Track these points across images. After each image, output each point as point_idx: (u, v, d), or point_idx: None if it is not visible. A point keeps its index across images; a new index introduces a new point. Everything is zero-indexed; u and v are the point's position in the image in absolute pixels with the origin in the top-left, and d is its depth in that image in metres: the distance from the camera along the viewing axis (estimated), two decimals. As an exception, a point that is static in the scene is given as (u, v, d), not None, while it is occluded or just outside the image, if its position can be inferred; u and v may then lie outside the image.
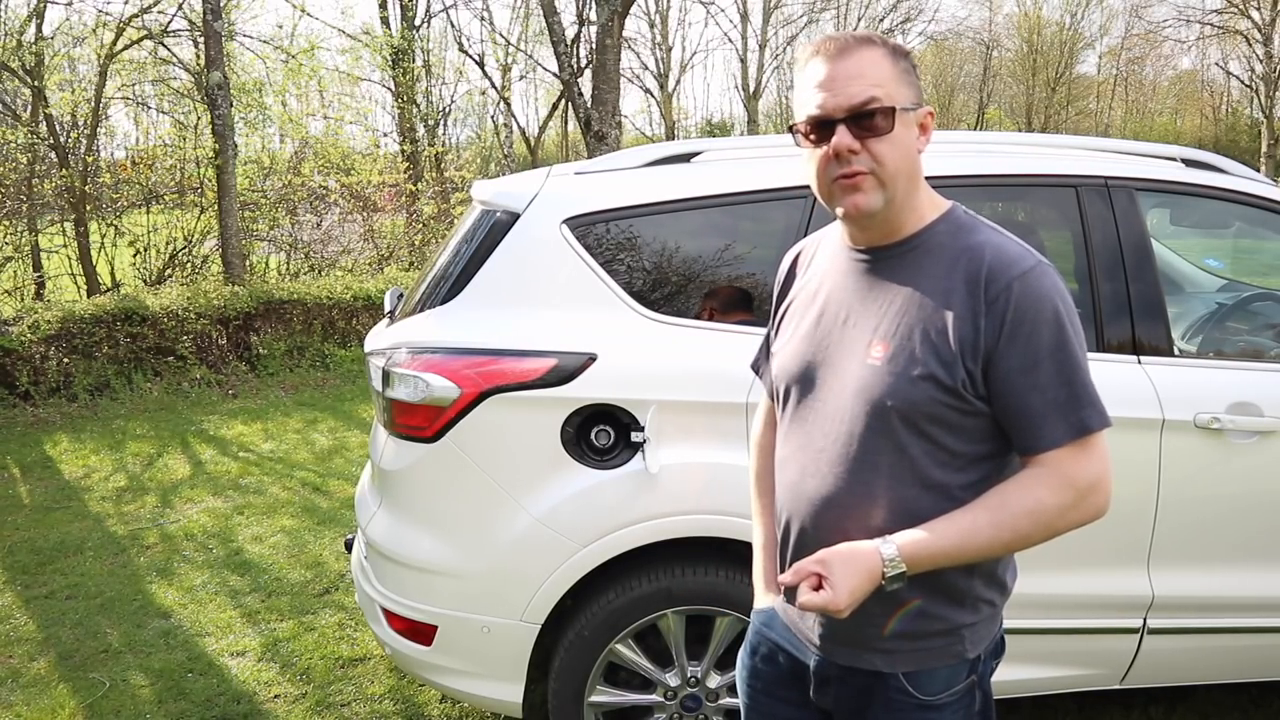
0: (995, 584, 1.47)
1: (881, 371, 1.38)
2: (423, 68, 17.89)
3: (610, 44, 9.04)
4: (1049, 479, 1.33)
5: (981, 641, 1.46)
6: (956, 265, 1.37)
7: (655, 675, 2.52)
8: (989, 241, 1.38)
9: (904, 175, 1.38)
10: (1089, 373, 1.35)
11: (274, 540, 4.59)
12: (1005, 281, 1.33)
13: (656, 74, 33.81)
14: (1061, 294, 1.35)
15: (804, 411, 1.49)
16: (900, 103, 1.37)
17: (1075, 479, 1.32)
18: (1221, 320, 3.07)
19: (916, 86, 1.41)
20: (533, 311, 2.45)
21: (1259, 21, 27.37)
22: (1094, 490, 1.33)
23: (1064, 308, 1.35)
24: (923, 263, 1.40)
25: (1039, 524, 1.33)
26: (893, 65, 1.38)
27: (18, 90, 10.41)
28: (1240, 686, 3.09)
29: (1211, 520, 2.50)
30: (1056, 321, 1.33)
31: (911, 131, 1.40)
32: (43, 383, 7.12)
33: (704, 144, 2.70)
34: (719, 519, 2.36)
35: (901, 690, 1.44)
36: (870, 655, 1.46)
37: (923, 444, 1.37)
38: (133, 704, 3.20)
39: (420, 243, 12.14)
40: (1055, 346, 1.33)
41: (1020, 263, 1.35)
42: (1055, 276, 1.36)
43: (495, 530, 2.41)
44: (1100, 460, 1.34)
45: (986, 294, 1.34)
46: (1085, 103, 40.46)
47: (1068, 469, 1.33)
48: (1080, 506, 1.33)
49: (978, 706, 1.47)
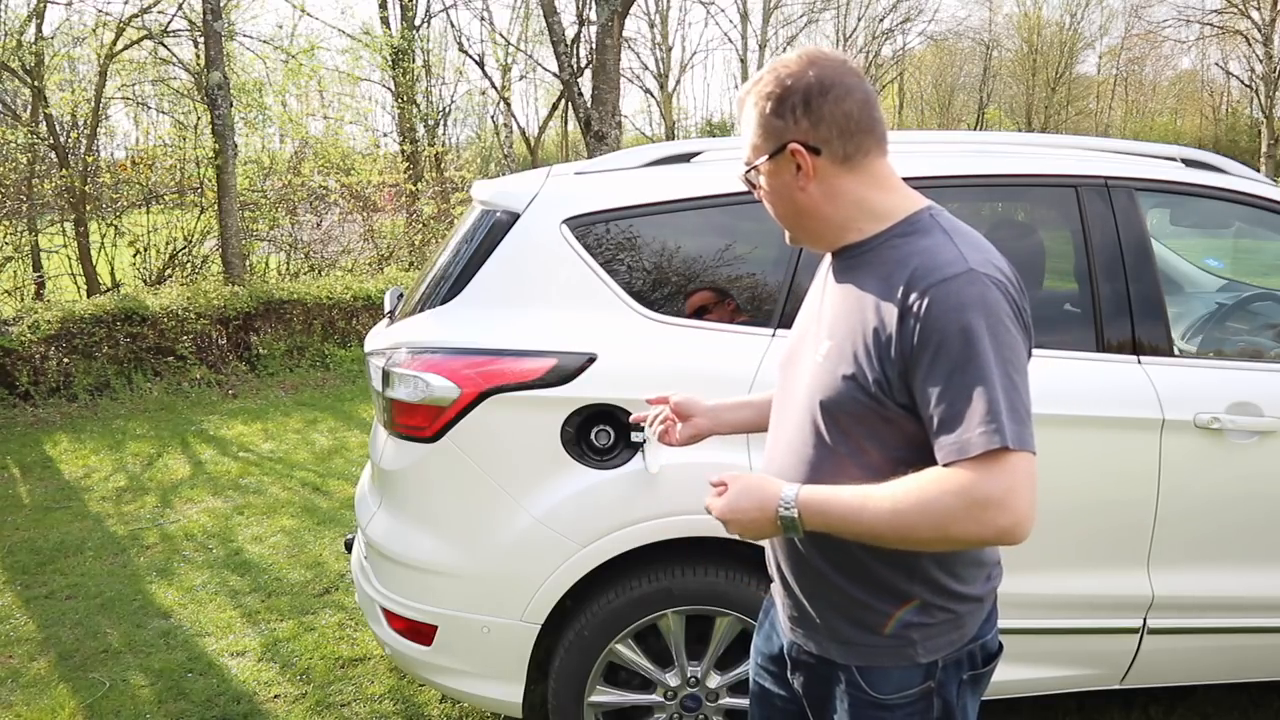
0: (943, 593, 1.43)
1: (821, 369, 1.42)
2: (423, 68, 17.88)
3: (610, 44, 9.05)
4: (949, 481, 1.27)
5: (939, 649, 1.44)
6: (890, 270, 1.36)
7: (655, 675, 2.52)
8: (927, 247, 1.35)
9: (788, 216, 1.46)
10: (1009, 388, 1.27)
11: (274, 540, 4.59)
12: (922, 289, 1.30)
13: (656, 74, 33.82)
14: (984, 304, 1.28)
15: (780, 401, 1.58)
16: (760, 157, 1.42)
17: (969, 489, 1.25)
18: (1221, 320, 3.07)
19: (778, 124, 1.39)
20: (533, 311, 2.45)
21: (1259, 21, 27.37)
22: (995, 507, 1.24)
23: (986, 319, 1.28)
24: (868, 267, 1.41)
25: (928, 521, 1.27)
26: (758, 115, 1.41)
27: (18, 90, 10.41)
28: (1240, 686, 3.09)
29: (1211, 520, 2.50)
30: (969, 333, 1.27)
31: (783, 176, 1.41)
32: (43, 383, 7.12)
33: (704, 144, 2.69)
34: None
35: (855, 685, 1.46)
36: (827, 643, 1.49)
37: (847, 444, 1.40)
38: (133, 704, 3.20)
39: (420, 243, 12.14)
40: (965, 359, 1.26)
41: (941, 270, 1.30)
42: (985, 285, 1.29)
43: (495, 530, 2.41)
44: (1004, 479, 1.24)
45: (904, 301, 1.32)
46: (1085, 103, 40.47)
47: (965, 479, 1.25)
48: (980, 520, 1.25)
49: (936, 714, 1.45)
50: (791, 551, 1.52)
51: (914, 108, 42.22)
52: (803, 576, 1.51)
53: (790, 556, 1.53)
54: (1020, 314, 1.34)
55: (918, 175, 2.52)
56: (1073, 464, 2.41)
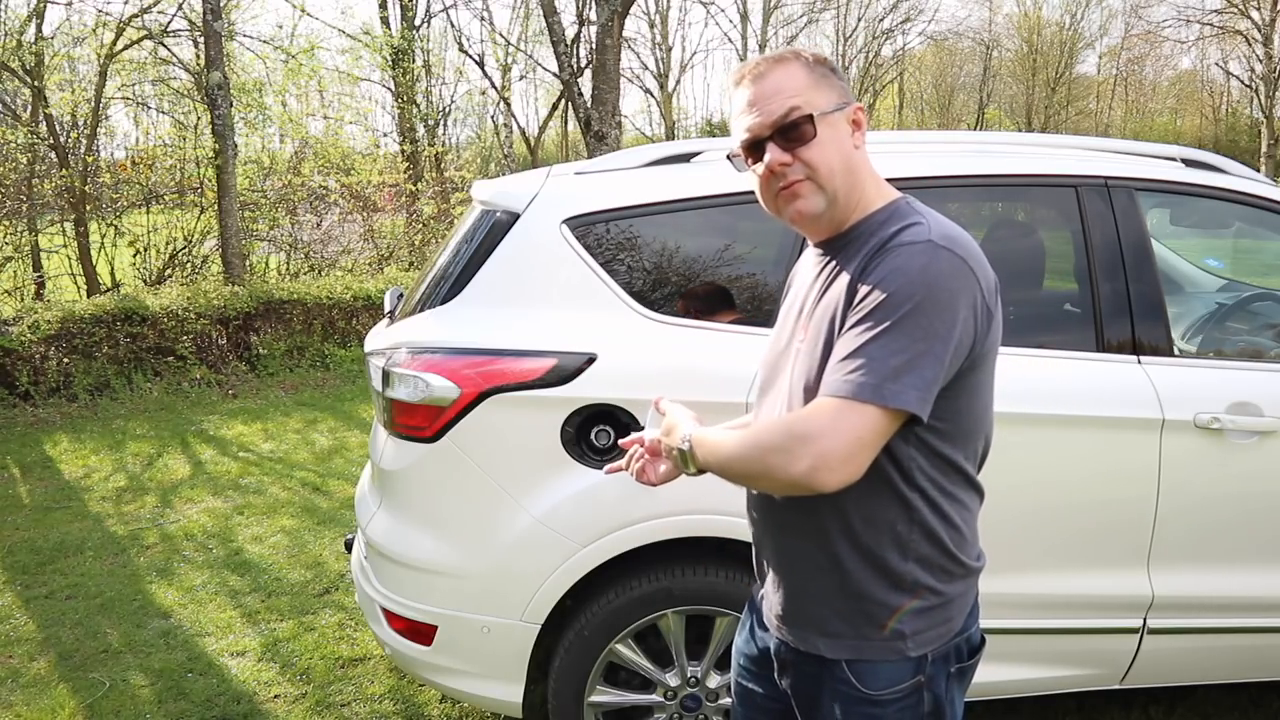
0: (937, 570, 1.44)
1: (804, 354, 1.44)
2: (423, 68, 17.88)
3: (610, 44, 9.05)
4: (781, 418, 1.37)
5: (928, 642, 1.45)
6: (869, 249, 1.40)
7: (655, 675, 2.52)
8: (901, 227, 1.39)
9: (840, 173, 1.43)
10: (910, 356, 1.28)
11: (274, 540, 4.59)
12: (880, 253, 1.36)
13: (656, 74, 33.82)
14: (931, 272, 1.30)
15: (764, 397, 1.59)
16: (820, 108, 1.42)
17: (793, 420, 1.32)
18: (1221, 320, 3.07)
19: (839, 87, 1.46)
20: (533, 311, 2.45)
21: (1259, 21, 27.37)
22: (806, 442, 1.27)
23: (926, 287, 1.30)
24: (850, 249, 1.44)
25: (754, 449, 1.35)
26: (809, 74, 1.44)
27: (18, 90, 10.41)
28: (1240, 686, 3.09)
29: (1211, 520, 2.50)
30: (898, 295, 1.30)
31: (840, 130, 1.44)
32: (43, 383, 7.12)
33: (704, 144, 2.70)
34: (719, 519, 2.35)
35: (846, 681, 1.46)
36: (815, 639, 1.49)
37: None
38: (133, 704, 3.20)
39: (420, 243, 12.14)
40: (881, 315, 1.30)
41: (902, 239, 1.36)
42: (934, 256, 1.32)
43: (495, 530, 2.41)
44: (833, 421, 1.27)
45: (864, 264, 1.38)
46: (1085, 103, 40.47)
47: (798, 413, 1.33)
48: (789, 450, 1.29)
49: (926, 709, 1.46)
50: (782, 546, 1.53)
51: (914, 108, 42.23)
52: (793, 571, 1.52)
53: (781, 551, 1.53)
54: (981, 295, 1.35)
55: (918, 175, 2.52)
56: (1073, 464, 2.42)
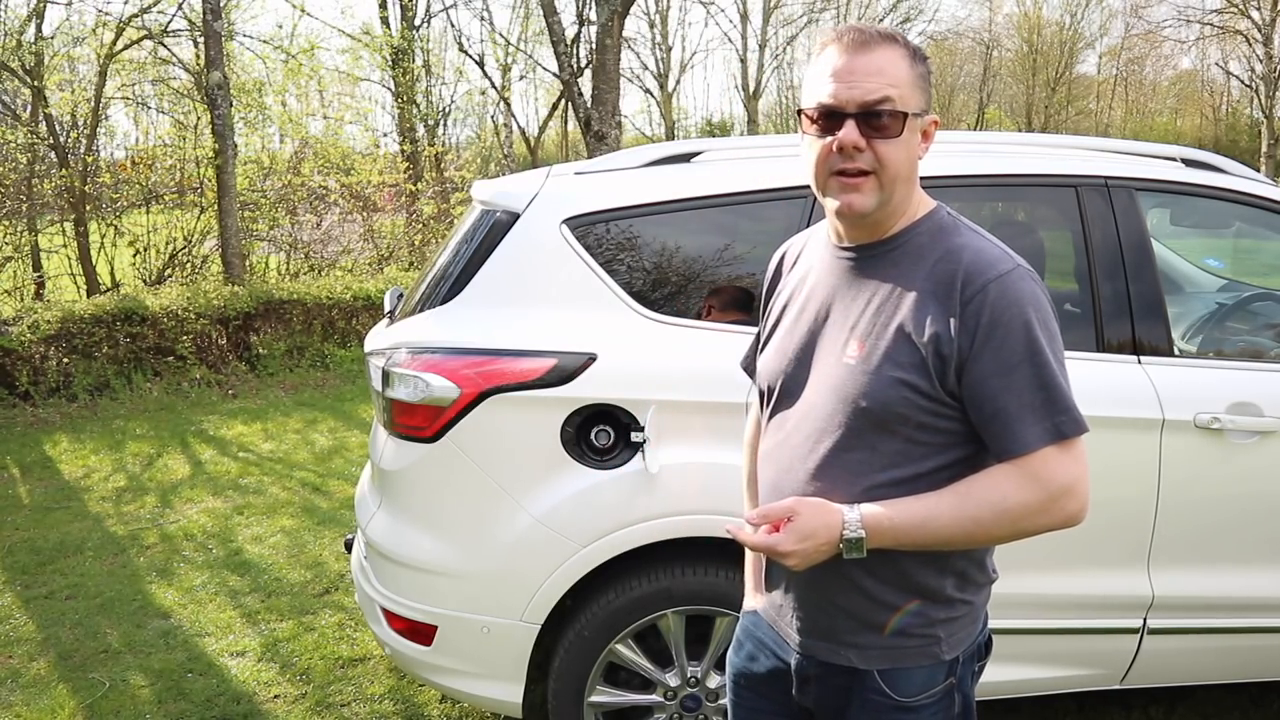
0: (970, 585, 1.46)
1: (856, 371, 1.38)
2: (423, 68, 17.88)
3: (610, 44, 9.04)
4: (1018, 476, 1.31)
5: (960, 644, 1.45)
6: (935, 266, 1.37)
7: (655, 675, 2.52)
8: (968, 244, 1.38)
9: (903, 180, 1.39)
10: (1065, 378, 1.34)
11: (274, 540, 4.59)
12: (980, 285, 1.33)
13: (656, 74, 33.80)
14: (1037, 300, 1.34)
15: (784, 409, 1.50)
16: (912, 108, 1.36)
17: (1047, 481, 1.31)
18: (1221, 320, 3.07)
19: (928, 93, 1.41)
20: (533, 311, 2.45)
21: (1259, 21, 27.34)
22: (1067, 494, 1.31)
23: (1039, 313, 1.33)
24: (903, 263, 1.40)
25: (1002, 519, 1.32)
26: (910, 69, 1.38)
27: (18, 90, 10.40)
28: (1240, 686, 3.08)
29: (1211, 520, 2.50)
30: (1031, 327, 1.32)
31: (915, 138, 1.39)
32: (43, 383, 7.12)
33: (704, 144, 2.70)
34: (719, 519, 2.35)
35: (878, 690, 1.44)
36: (846, 651, 1.46)
37: (894, 443, 1.38)
38: (133, 704, 3.20)
39: (420, 243, 12.14)
40: (1030, 352, 1.31)
41: (996, 266, 1.34)
42: (1033, 281, 1.35)
43: (495, 530, 2.41)
44: (1075, 465, 1.32)
45: (961, 296, 1.33)
46: (1085, 103, 40.44)
47: (1039, 469, 1.31)
48: (1050, 510, 1.31)
49: (957, 709, 1.46)
50: None
51: (914, 108, 42.07)
52: (820, 586, 1.46)
53: None
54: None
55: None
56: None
